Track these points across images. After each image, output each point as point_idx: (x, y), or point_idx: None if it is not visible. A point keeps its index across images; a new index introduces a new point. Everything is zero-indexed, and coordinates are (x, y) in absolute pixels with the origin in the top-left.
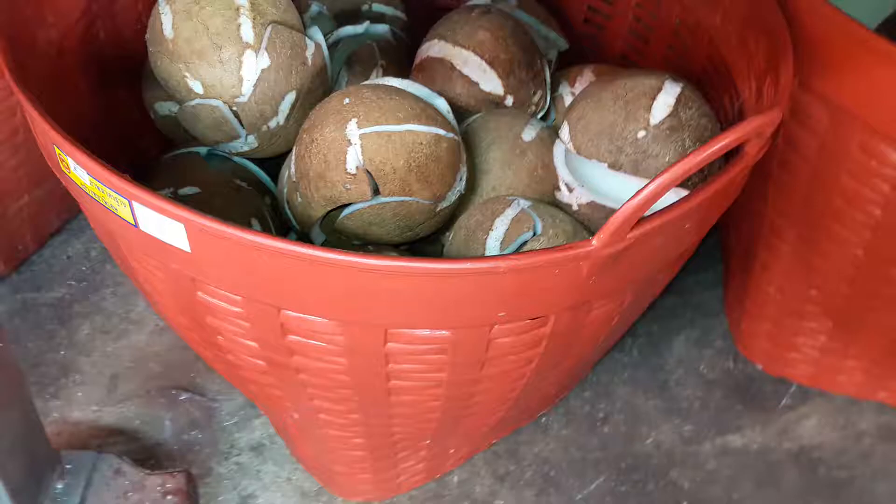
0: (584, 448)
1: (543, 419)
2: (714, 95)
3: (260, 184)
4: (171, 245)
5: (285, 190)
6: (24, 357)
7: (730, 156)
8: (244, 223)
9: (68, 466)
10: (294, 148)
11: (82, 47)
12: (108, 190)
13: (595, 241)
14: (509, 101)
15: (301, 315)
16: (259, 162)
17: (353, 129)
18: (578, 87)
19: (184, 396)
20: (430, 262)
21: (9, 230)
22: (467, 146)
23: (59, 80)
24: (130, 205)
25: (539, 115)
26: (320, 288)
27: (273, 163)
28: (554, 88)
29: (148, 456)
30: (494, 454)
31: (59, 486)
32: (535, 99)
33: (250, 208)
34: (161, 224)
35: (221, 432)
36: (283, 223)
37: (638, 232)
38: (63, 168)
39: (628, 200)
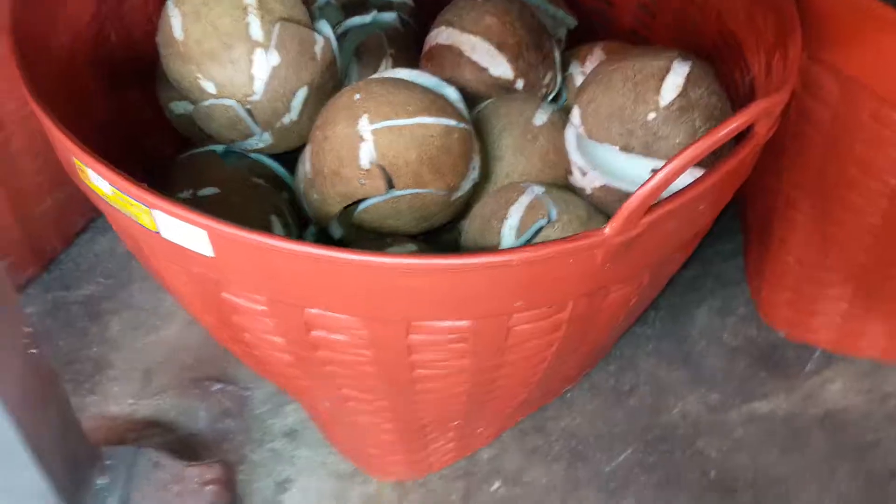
0: (611, 421)
1: (569, 394)
2: (724, 70)
3: (277, 179)
4: (194, 251)
5: (302, 186)
6: (58, 355)
7: (741, 135)
8: (263, 221)
9: (109, 462)
10: (308, 145)
11: (93, 50)
12: (130, 199)
13: (608, 229)
14: (519, 84)
15: (324, 312)
16: (275, 155)
17: (364, 125)
18: (589, 65)
19: (216, 387)
20: (445, 259)
21: (35, 232)
22: (479, 133)
23: (71, 84)
24: (153, 213)
25: (550, 97)
26: (342, 287)
27: (290, 156)
28: (564, 68)
29: (185, 447)
30: (522, 430)
31: (101, 481)
32: (546, 80)
33: (268, 205)
34: (184, 231)
35: (255, 420)
36: (301, 217)
37: (650, 218)
38: (82, 178)
39: (639, 188)
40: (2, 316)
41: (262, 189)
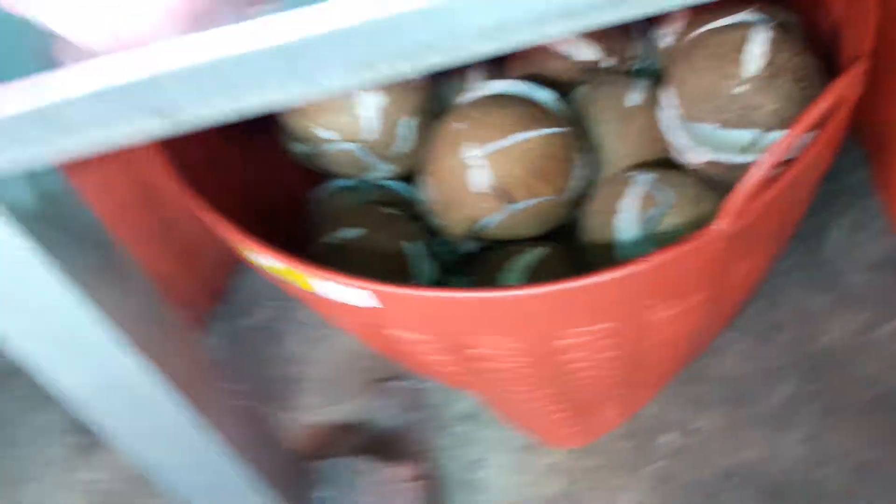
0: (765, 358)
1: (720, 339)
2: (805, 11)
3: (404, 200)
4: (358, 306)
5: (427, 209)
6: (248, 378)
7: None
8: (398, 251)
9: (318, 476)
10: (424, 175)
11: None
12: (296, 273)
13: (721, 225)
14: (608, 62)
15: (480, 337)
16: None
17: (470, 153)
18: (670, 26)
19: (394, 384)
20: (578, 281)
21: (204, 272)
22: (576, 124)
23: (207, 149)
24: (312, 282)
25: (639, 66)
26: (495, 317)
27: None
28: (646, 32)
29: (378, 445)
30: (681, 382)
31: (316, 495)
32: (631, 52)
33: (401, 233)
34: (349, 293)
35: (434, 409)
36: (429, 231)
37: (760, 203)
38: (244, 255)
39: (737, 187)
40: (199, 368)
41: (392, 218)
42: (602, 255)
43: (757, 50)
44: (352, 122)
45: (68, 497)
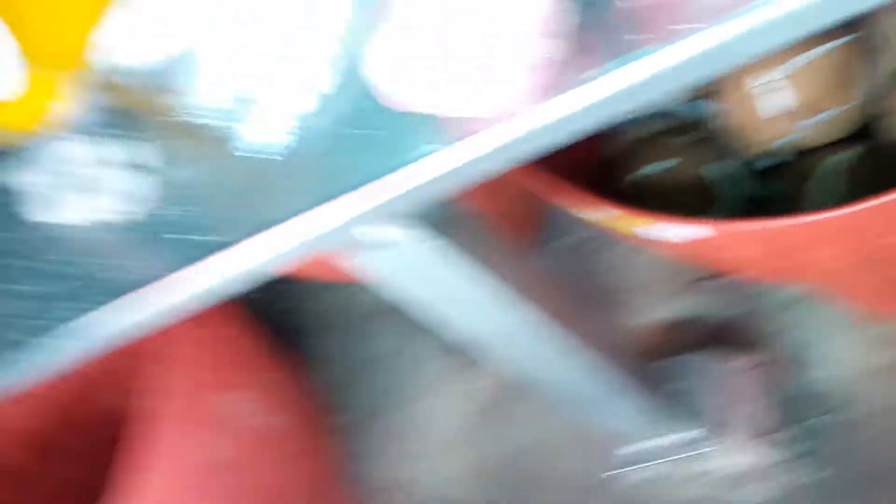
0: None
1: None
2: None
3: (694, 124)
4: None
5: (720, 130)
6: (583, 292)
7: None
8: (701, 175)
9: (668, 373)
10: (716, 104)
11: None
12: (625, 221)
13: None
14: None
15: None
16: None
17: (765, 78)
18: None
19: (712, 282)
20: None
21: (529, 206)
22: (861, 27)
23: None
24: (647, 228)
25: None
26: (824, 231)
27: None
28: None
29: (712, 339)
30: None
31: (671, 389)
32: None
33: (702, 158)
34: (685, 232)
35: (755, 301)
36: (726, 151)
37: None
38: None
39: None
40: (558, 296)
41: (691, 145)
42: None
43: None
44: None
45: (457, 404)
